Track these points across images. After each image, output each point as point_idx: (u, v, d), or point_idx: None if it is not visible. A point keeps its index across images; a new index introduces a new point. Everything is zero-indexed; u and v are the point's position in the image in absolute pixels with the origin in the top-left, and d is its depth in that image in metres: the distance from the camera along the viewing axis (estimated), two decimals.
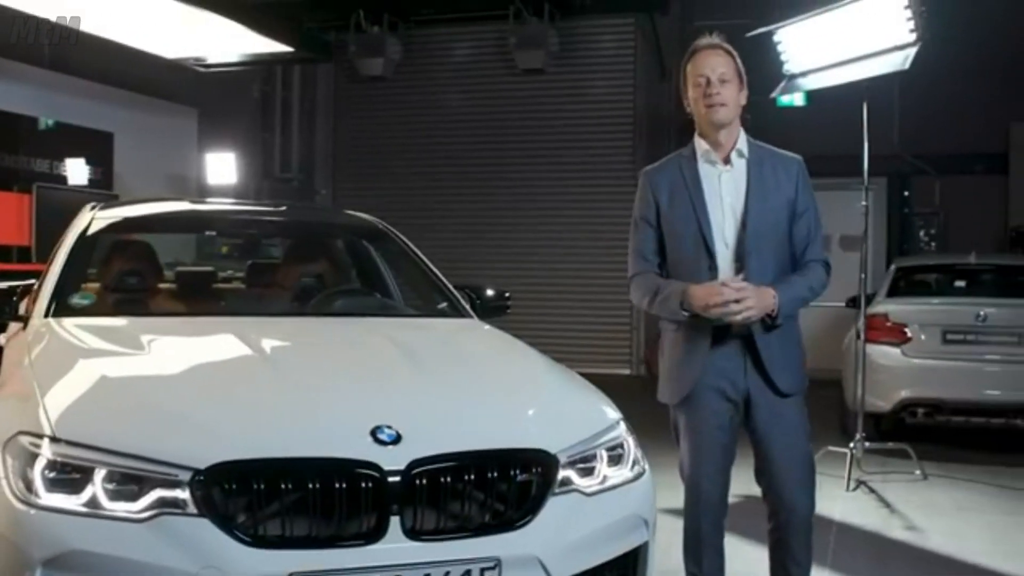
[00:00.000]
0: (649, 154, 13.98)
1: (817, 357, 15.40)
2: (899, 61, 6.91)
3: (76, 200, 7.61)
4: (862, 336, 7.72)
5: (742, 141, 3.73)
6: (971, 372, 8.26)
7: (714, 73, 3.63)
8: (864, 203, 7.59)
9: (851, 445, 7.31)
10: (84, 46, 10.38)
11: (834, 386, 9.20)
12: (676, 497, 3.93)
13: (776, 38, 7.90)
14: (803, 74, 7.92)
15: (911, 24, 6.83)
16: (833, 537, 5.88)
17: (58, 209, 9.14)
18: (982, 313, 8.27)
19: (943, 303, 8.87)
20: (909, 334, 8.42)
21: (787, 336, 3.70)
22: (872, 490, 7.05)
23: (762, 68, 8.80)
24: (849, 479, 7.09)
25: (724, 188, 3.68)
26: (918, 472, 7.47)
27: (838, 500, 6.75)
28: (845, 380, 8.82)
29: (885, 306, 8.70)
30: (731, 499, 3.91)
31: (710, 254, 3.64)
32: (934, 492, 7.10)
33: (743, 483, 4.10)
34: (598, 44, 14.20)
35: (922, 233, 14.52)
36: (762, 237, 3.64)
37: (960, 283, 9.38)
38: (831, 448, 7.57)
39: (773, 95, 8.19)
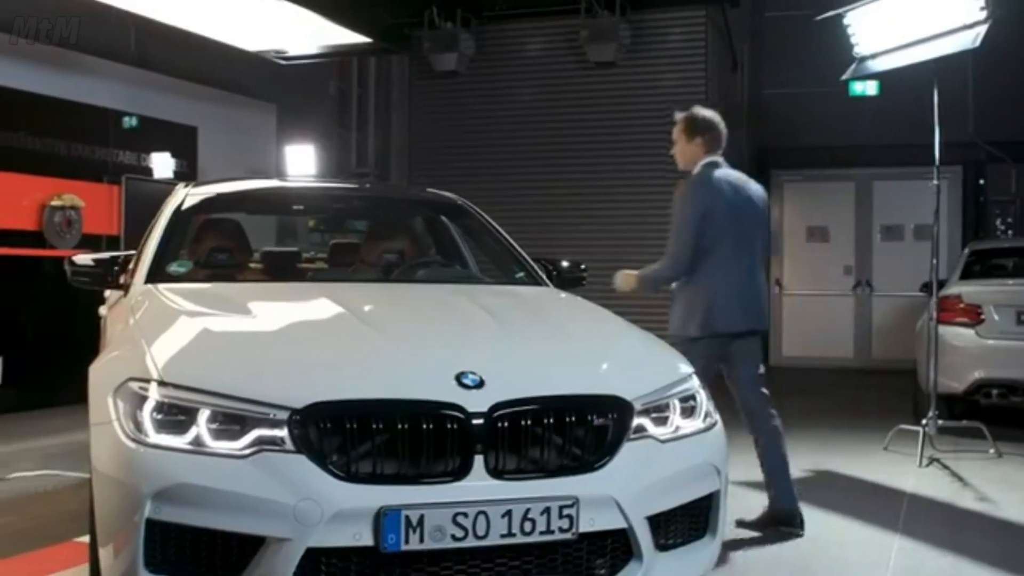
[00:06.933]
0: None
1: (891, 346, 15.16)
2: (969, 40, 6.92)
3: (163, 191, 7.86)
4: (934, 318, 7.72)
5: None
6: None
7: None
8: (935, 182, 7.60)
9: (923, 422, 7.35)
10: (168, 44, 10.73)
11: (910, 375, 9.23)
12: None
13: (846, 21, 7.97)
14: (873, 56, 7.96)
15: (981, 2, 6.86)
16: (904, 506, 5.95)
17: (146, 200, 9.47)
18: None
19: (1018, 284, 8.86)
20: (983, 315, 8.42)
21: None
22: (945, 466, 7.08)
23: (833, 54, 8.87)
24: (921, 455, 7.12)
25: None
26: (992, 451, 7.48)
27: (910, 475, 6.80)
28: (919, 363, 8.84)
29: (958, 288, 8.71)
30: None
31: None
32: (1008, 469, 7.11)
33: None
34: (669, 36, 14.22)
35: (999, 221, 14.41)
36: None
37: None
38: (903, 426, 7.64)
39: (844, 77, 8.25)
